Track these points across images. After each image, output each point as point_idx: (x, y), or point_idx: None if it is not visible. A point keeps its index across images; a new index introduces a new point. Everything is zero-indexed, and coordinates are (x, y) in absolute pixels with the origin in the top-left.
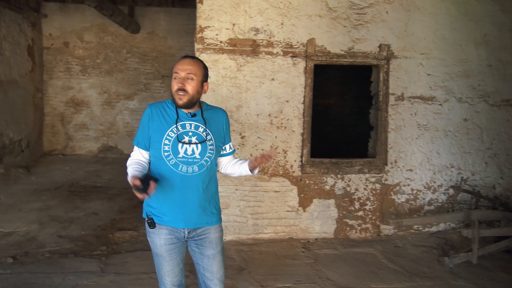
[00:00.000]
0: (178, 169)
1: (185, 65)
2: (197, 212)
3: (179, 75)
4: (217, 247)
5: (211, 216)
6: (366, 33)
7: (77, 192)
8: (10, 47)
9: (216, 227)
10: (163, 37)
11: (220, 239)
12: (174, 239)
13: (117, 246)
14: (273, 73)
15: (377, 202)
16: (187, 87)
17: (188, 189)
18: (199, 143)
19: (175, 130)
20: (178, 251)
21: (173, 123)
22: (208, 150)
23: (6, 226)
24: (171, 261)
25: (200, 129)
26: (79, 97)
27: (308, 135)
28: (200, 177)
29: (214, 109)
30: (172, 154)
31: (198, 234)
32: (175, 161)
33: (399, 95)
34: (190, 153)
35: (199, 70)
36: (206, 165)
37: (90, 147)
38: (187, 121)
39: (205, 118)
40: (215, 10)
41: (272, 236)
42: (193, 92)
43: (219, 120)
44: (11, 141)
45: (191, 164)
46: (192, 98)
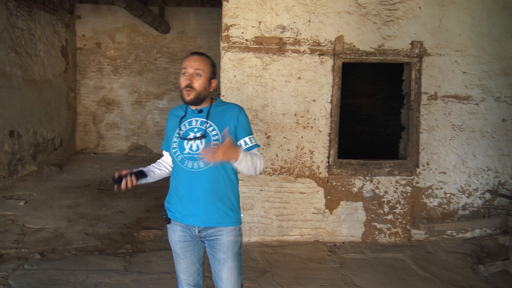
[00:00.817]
0: (184, 165)
1: (192, 61)
2: (206, 209)
3: (187, 71)
4: (229, 252)
5: (224, 216)
6: (398, 29)
7: (106, 190)
8: (45, 48)
9: (229, 229)
10: (193, 37)
11: (234, 243)
12: (188, 237)
13: (142, 245)
14: (299, 72)
15: (408, 206)
16: (195, 83)
17: (195, 185)
18: (203, 138)
19: (183, 128)
20: (192, 249)
21: (180, 121)
22: (212, 146)
23: (36, 223)
24: (185, 259)
25: (205, 125)
26: (110, 97)
27: (336, 135)
28: (207, 173)
29: (226, 105)
30: (178, 150)
31: (210, 234)
32: (182, 157)
33: (432, 94)
34: (195, 148)
35: (206, 67)
36: None
37: (120, 146)
38: (193, 117)
39: (210, 113)
40: (241, 8)
41: (297, 238)
42: (200, 89)
43: (229, 114)
44: (45, 140)
45: (196, 160)
46: (199, 95)
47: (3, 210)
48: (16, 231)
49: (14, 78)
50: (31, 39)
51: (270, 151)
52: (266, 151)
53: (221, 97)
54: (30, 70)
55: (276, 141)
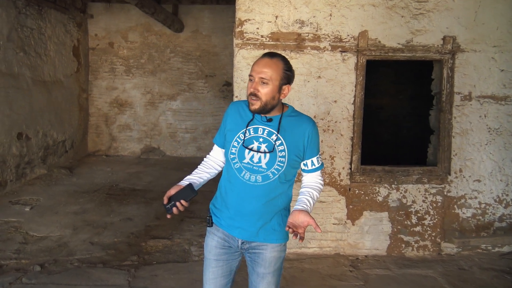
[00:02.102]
0: (241, 175)
1: (261, 66)
2: (255, 225)
3: (253, 77)
4: (270, 268)
5: (272, 232)
6: (428, 23)
7: (115, 195)
8: (55, 48)
9: (274, 245)
10: (207, 36)
11: (277, 259)
12: (227, 245)
13: (149, 256)
14: (319, 70)
15: (438, 217)
16: (260, 92)
17: (248, 198)
18: (268, 152)
19: (246, 134)
20: (227, 258)
21: (245, 125)
22: (277, 162)
23: (40, 230)
24: (217, 268)
25: (273, 137)
26: (123, 98)
27: (359, 140)
28: (264, 188)
29: (299, 117)
30: (237, 157)
31: (253, 247)
32: (240, 166)
33: (465, 95)
34: (256, 160)
35: (275, 73)
36: (272, 177)
37: (133, 148)
38: (261, 125)
39: (281, 125)
40: (256, 1)
41: (317, 251)
42: (266, 98)
43: (300, 129)
44: (55, 142)
45: (255, 172)
46: (266, 105)
47: (7, 216)
48: (18, 239)
49: (23, 78)
50: (41, 39)
51: None
52: None
53: (234, 97)
54: (40, 70)
55: None
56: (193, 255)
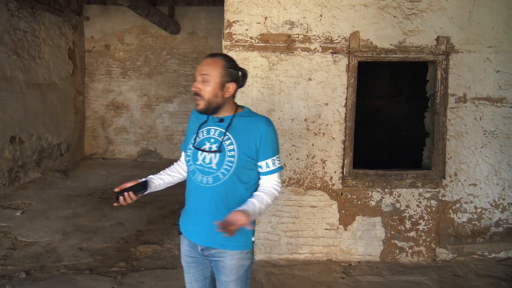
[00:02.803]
0: (194, 177)
1: (202, 65)
2: (209, 229)
3: (196, 77)
4: (231, 276)
5: (229, 239)
6: (421, 23)
7: (108, 199)
8: (50, 50)
9: (234, 253)
10: (204, 37)
11: (238, 268)
12: (193, 253)
13: (138, 262)
14: (310, 72)
15: (433, 222)
16: (202, 90)
17: (201, 201)
18: (218, 152)
19: (200, 135)
20: (196, 266)
21: (199, 127)
22: (226, 162)
23: (29, 236)
24: (189, 274)
25: (223, 137)
26: (119, 100)
27: (351, 143)
28: (216, 190)
29: (254, 117)
30: (192, 160)
31: (213, 255)
32: (193, 168)
33: (460, 96)
34: (208, 161)
35: (215, 70)
36: (222, 178)
37: (129, 151)
38: (213, 126)
39: (232, 124)
40: (245, 2)
41: (308, 257)
42: (208, 96)
43: (253, 129)
44: (50, 145)
45: (206, 174)
46: (210, 103)
47: None
48: (6, 245)
49: (16, 81)
50: (34, 41)
51: None
52: None
53: None
54: (34, 73)
55: (284, 149)
56: None
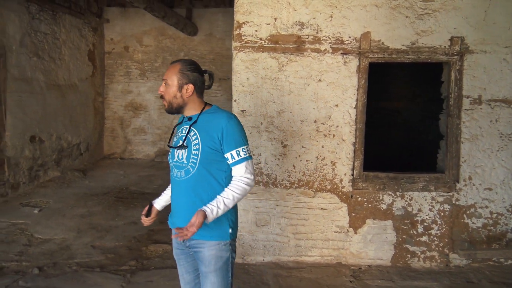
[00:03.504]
0: (172, 173)
1: (166, 71)
2: (185, 220)
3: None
4: (210, 266)
5: (205, 229)
6: (434, 23)
7: (123, 199)
8: (70, 52)
9: (211, 243)
10: (221, 39)
11: (216, 258)
12: (180, 245)
13: (148, 261)
14: (320, 73)
15: (446, 226)
16: (165, 94)
17: (178, 194)
18: (184, 147)
19: (177, 135)
20: (185, 258)
21: (177, 128)
22: (192, 155)
23: (45, 233)
24: (180, 266)
25: (191, 133)
26: (137, 101)
27: (361, 145)
28: (188, 183)
29: (217, 113)
30: (171, 158)
31: (193, 245)
32: (172, 165)
33: (475, 98)
34: (180, 157)
35: (173, 74)
36: (192, 171)
37: (147, 151)
38: (184, 125)
39: (198, 121)
40: (254, 3)
41: (317, 259)
42: (169, 98)
43: (215, 123)
44: (69, 145)
45: (180, 168)
46: (171, 103)
47: (16, 218)
48: (23, 241)
49: (36, 82)
50: (55, 43)
51: (286, 162)
52: (282, 161)
53: (233, 101)
54: (54, 74)
55: (294, 151)
56: None
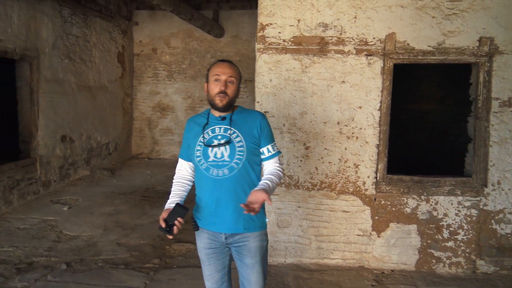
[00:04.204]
0: (209, 173)
1: (226, 68)
2: (233, 216)
3: (220, 78)
4: (256, 257)
5: (250, 222)
6: (462, 24)
7: (149, 198)
8: (100, 54)
9: (256, 234)
10: (247, 40)
11: (260, 248)
12: (213, 244)
13: (171, 259)
14: (343, 75)
15: (473, 232)
16: (228, 90)
17: (221, 192)
18: (227, 145)
19: (206, 136)
20: (217, 256)
21: (203, 129)
22: (237, 152)
23: (73, 230)
24: (210, 266)
25: (229, 132)
26: (165, 102)
27: (385, 147)
28: (233, 180)
29: (248, 112)
30: (203, 158)
31: (237, 241)
32: (207, 165)
33: (505, 100)
34: (220, 156)
35: (237, 75)
36: (237, 167)
37: (174, 152)
38: (216, 125)
39: (233, 119)
40: (278, 5)
41: (339, 262)
42: (232, 95)
43: (251, 120)
44: (99, 144)
45: (221, 167)
46: (231, 101)
47: (47, 215)
48: (52, 237)
49: (68, 84)
50: (86, 46)
51: (309, 164)
52: (305, 163)
53: (256, 103)
54: (85, 76)
55: (316, 153)
56: None
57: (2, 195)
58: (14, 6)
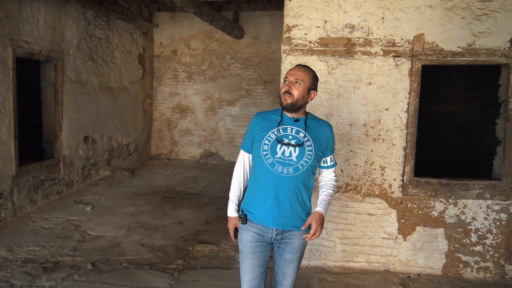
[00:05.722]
0: (274, 169)
1: (295, 70)
2: (287, 213)
3: (288, 79)
4: (297, 253)
5: (300, 221)
6: (493, 24)
7: (170, 198)
8: (122, 56)
9: (302, 233)
10: (267, 42)
11: (303, 246)
12: (261, 238)
13: (194, 260)
14: (370, 76)
15: (502, 236)
16: (293, 90)
17: (281, 189)
18: (297, 146)
19: (276, 132)
20: (262, 250)
21: (275, 125)
22: (306, 155)
23: (97, 229)
24: (253, 259)
25: (300, 134)
26: (184, 103)
27: (412, 150)
28: (294, 179)
29: (319, 120)
30: (270, 153)
31: (285, 237)
32: (272, 161)
33: None
34: (288, 155)
35: (307, 77)
36: (301, 169)
37: (193, 152)
38: (289, 125)
39: (307, 124)
40: (304, 6)
41: (364, 266)
42: (297, 96)
43: (322, 130)
44: (119, 145)
45: (287, 165)
46: (296, 102)
47: (70, 214)
48: (77, 237)
49: (90, 85)
50: (108, 48)
51: None
52: None
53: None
54: (107, 77)
55: (342, 155)
56: (237, 262)
57: (27, 195)
58: (40, 9)
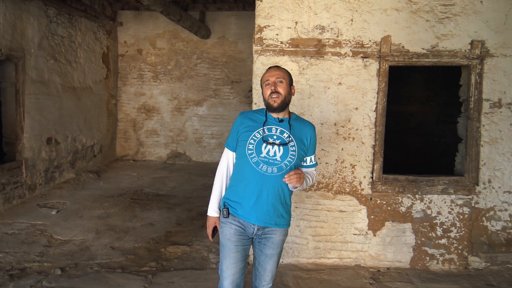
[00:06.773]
0: (258, 168)
1: (273, 71)
2: (269, 211)
3: (269, 81)
4: (277, 249)
5: (281, 218)
6: (454, 27)
7: (139, 200)
8: (85, 55)
9: (282, 230)
10: (234, 42)
11: (282, 242)
12: (243, 233)
13: (167, 262)
14: (340, 77)
15: (465, 229)
16: (279, 89)
17: (265, 188)
18: (282, 146)
19: (261, 132)
20: (244, 244)
21: (260, 125)
22: (289, 154)
23: (64, 234)
24: (237, 253)
25: (284, 134)
26: (150, 103)
27: (381, 148)
28: (278, 178)
29: (302, 120)
30: (255, 152)
31: (265, 233)
32: (257, 159)
33: (495, 102)
34: (272, 154)
35: (285, 74)
36: (285, 168)
37: (159, 153)
38: (274, 125)
39: (291, 124)
40: (275, 7)
41: (336, 261)
42: (284, 93)
43: (305, 130)
44: (84, 147)
45: (271, 164)
46: (285, 99)
47: (34, 219)
48: (43, 242)
49: (53, 85)
50: (71, 46)
51: None
52: None
53: (253, 104)
54: (70, 77)
55: None
56: (211, 263)
57: None
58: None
